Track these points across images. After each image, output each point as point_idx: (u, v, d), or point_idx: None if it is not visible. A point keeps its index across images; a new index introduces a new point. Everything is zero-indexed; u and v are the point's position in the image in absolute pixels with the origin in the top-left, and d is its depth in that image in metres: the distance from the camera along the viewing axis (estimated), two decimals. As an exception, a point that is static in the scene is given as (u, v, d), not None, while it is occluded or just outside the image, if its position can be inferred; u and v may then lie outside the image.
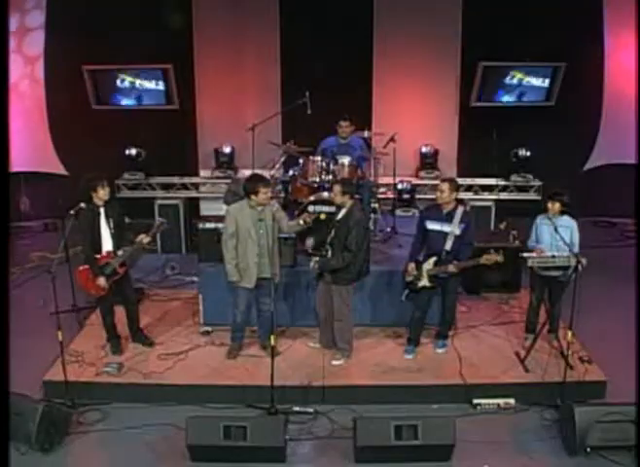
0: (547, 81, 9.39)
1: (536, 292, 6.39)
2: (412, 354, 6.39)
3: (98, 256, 6.07)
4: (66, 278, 6.76)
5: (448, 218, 6.03)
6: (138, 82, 9.38)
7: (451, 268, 6.00)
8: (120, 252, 6.10)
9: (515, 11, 9.00)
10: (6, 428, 4.89)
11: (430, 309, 6.39)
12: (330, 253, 6.04)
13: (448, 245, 6.03)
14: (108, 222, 6.06)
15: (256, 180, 5.95)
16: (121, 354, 6.35)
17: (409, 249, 6.39)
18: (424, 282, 6.17)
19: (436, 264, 6.09)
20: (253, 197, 5.88)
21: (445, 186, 6.01)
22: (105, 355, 6.33)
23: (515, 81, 9.44)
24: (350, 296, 6.17)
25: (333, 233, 6.06)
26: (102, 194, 6.00)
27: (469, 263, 6.06)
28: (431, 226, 6.10)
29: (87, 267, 6.09)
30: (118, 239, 6.12)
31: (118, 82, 9.36)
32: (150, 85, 9.40)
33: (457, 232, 6.02)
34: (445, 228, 6.04)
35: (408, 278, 6.25)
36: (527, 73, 9.39)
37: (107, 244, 6.09)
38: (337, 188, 6.03)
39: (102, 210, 6.05)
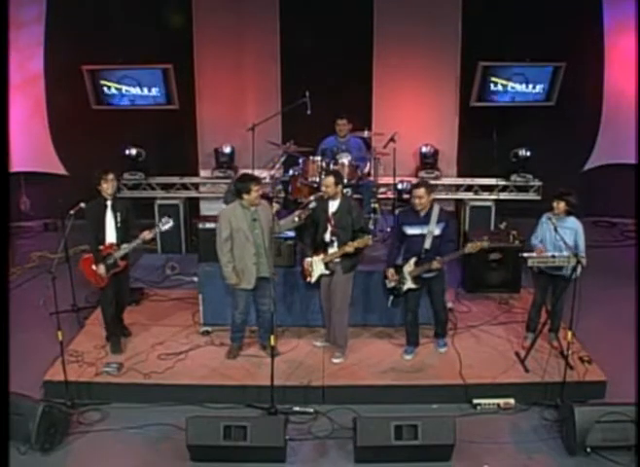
0: (537, 87, 9.32)
1: (539, 292, 6.39)
2: (412, 354, 6.39)
3: (101, 247, 6.18)
4: (66, 278, 6.76)
5: (426, 220, 6.00)
6: (124, 88, 9.35)
7: (435, 264, 5.94)
8: (123, 245, 6.18)
9: (515, 11, 9.00)
10: (6, 428, 4.90)
11: (419, 308, 6.37)
12: (336, 245, 6.04)
13: (427, 244, 6.00)
14: (115, 216, 6.18)
15: (248, 179, 5.96)
16: (120, 353, 6.37)
17: (387, 255, 6.36)
18: (409, 284, 6.13)
19: (417, 264, 6.06)
20: (245, 196, 5.89)
21: (422, 191, 5.95)
22: (105, 355, 6.33)
23: (499, 87, 9.39)
24: (351, 287, 6.18)
25: (330, 226, 6.04)
26: (105, 187, 6.14)
27: (452, 256, 6.05)
28: (410, 231, 6.05)
29: (90, 255, 6.22)
30: (123, 234, 6.22)
31: (105, 89, 9.34)
32: (135, 90, 9.37)
33: (437, 231, 5.99)
34: (425, 230, 6.00)
35: (390, 284, 6.21)
36: (509, 78, 9.31)
37: (111, 237, 6.21)
38: (330, 179, 6.00)
39: (109, 203, 6.19)
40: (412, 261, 6.07)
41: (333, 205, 6.07)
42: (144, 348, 6.46)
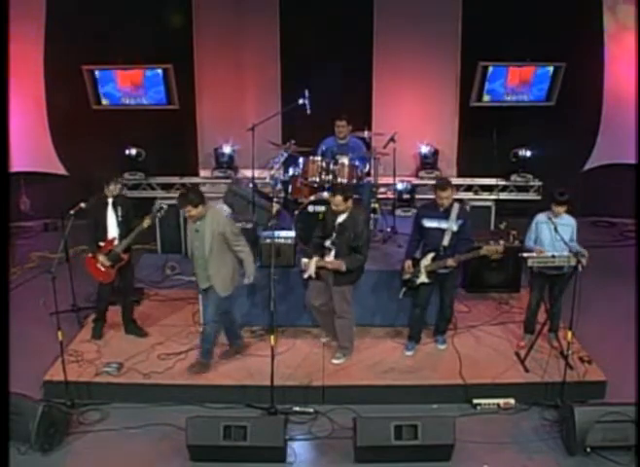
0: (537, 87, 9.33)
1: (535, 292, 6.39)
2: (412, 351, 6.42)
3: (102, 243, 6.32)
4: (66, 278, 6.76)
5: (446, 215, 6.05)
6: (124, 88, 9.37)
7: (450, 262, 6.00)
8: (124, 240, 6.33)
9: (515, 11, 9.00)
10: (6, 428, 4.90)
11: (429, 306, 6.41)
12: (333, 254, 6.04)
13: (446, 241, 6.05)
14: (115, 211, 6.32)
15: (180, 198, 5.86)
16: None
17: (406, 247, 6.41)
18: (423, 279, 6.17)
19: (434, 259, 6.10)
20: None
21: (449, 193, 5.99)
22: (105, 355, 6.32)
23: (499, 87, 9.38)
24: (351, 293, 6.17)
25: (334, 235, 6.03)
26: (113, 188, 6.30)
27: (468, 255, 6.07)
28: (428, 223, 6.11)
29: (91, 255, 6.35)
30: (124, 229, 6.33)
31: (104, 89, 9.34)
32: (135, 90, 9.38)
33: (455, 228, 6.04)
34: (443, 224, 6.06)
35: (406, 276, 6.26)
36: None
37: (112, 232, 6.35)
38: (338, 198, 5.91)
39: (110, 201, 6.32)
40: (430, 256, 6.12)
41: (342, 216, 6.04)
42: (144, 348, 6.45)
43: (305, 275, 6.19)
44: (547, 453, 5.30)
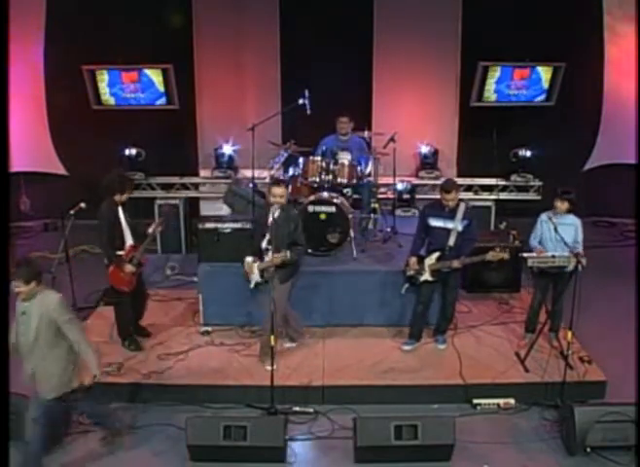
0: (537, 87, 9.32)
1: (538, 292, 6.39)
2: (411, 346, 6.44)
3: (122, 252, 6.16)
4: (66, 278, 6.76)
5: (451, 215, 6.08)
6: (124, 88, 9.35)
7: (456, 263, 6.05)
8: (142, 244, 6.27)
9: (515, 11, 9.01)
10: (6, 428, 4.89)
11: (432, 305, 6.42)
12: (270, 253, 5.85)
13: (452, 241, 6.09)
14: (126, 218, 6.22)
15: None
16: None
17: (411, 244, 6.43)
18: (426, 277, 6.21)
19: (439, 259, 6.12)
20: None
21: (454, 194, 6.00)
22: (105, 355, 6.31)
23: (499, 87, 9.36)
24: (287, 295, 6.13)
25: (272, 232, 5.83)
26: (125, 197, 6.21)
27: (473, 259, 6.11)
28: (434, 223, 6.14)
29: (113, 267, 6.15)
30: (135, 233, 6.27)
31: (104, 89, 9.31)
32: (135, 90, 9.35)
33: (460, 228, 6.07)
34: (449, 224, 6.09)
35: (409, 272, 6.28)
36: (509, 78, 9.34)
37: (129, 239, 6.23)
38: (282, 189, 5.90)
39: (120, 208, 6.20)
40: (435, 255, 6.15)
41: (276, 212, 5.91)
42: (144, 348, 6.45)
43: (251, 286, 6.11)
44: (547, 453, 5.30)
